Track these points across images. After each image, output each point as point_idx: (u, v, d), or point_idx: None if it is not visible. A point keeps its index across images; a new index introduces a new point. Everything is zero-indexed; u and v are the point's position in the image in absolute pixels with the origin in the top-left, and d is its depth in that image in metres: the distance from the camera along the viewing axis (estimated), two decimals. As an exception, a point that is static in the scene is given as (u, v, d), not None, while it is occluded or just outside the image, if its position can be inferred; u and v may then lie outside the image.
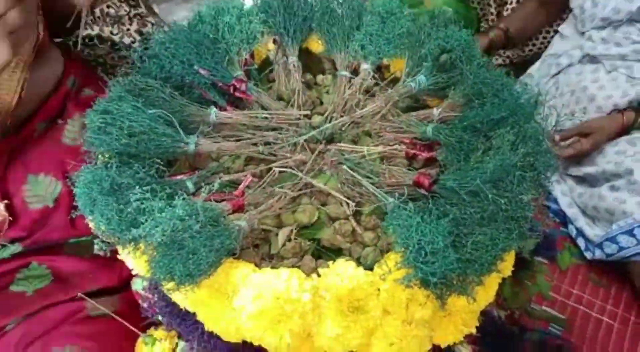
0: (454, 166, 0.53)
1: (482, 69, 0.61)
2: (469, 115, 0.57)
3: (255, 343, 0.50)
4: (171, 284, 0.49)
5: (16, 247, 0.80)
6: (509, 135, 0.50)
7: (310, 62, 0.80)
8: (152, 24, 1.39)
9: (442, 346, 0.57)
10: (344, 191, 0.61)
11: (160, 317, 0.84)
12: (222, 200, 0.57)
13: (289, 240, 0.58)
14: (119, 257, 0.61)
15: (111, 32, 1.41)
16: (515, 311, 1.07)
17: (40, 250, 0.83)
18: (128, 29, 1.45)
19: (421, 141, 0.64)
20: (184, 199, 0.50)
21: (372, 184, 0.60)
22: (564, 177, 1.18)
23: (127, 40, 1.36)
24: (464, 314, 0.55)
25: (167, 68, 0.66)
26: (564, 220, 1.18)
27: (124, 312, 0.86)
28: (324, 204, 0.62)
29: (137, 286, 0.82)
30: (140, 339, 0.85)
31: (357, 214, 0.60)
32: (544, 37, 1.35)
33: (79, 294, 0.83)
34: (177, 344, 0.88)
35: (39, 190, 0.80)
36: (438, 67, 0.66)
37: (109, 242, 0.54)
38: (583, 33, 1.16)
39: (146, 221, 0.48)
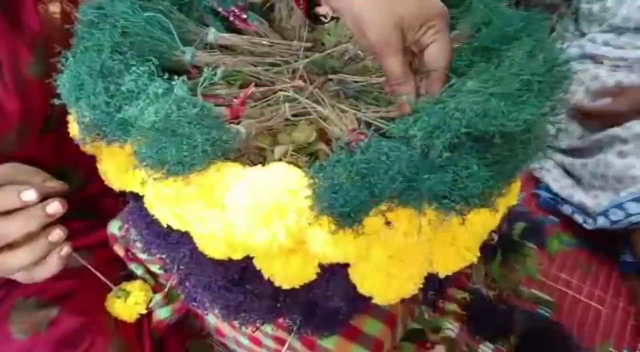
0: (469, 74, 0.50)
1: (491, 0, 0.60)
2: (479, 37, 0.56)
3: (244, 246, 0.46)
4: (160, 174, 0.45)
5: None
6: (527, 42, 0.47)
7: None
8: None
9: (441, 275, 0.53)
10: (344, 117, 0.58)
11: (133, 265, 0.80)
12: (221, 105, 0.53)
13: (285, 157, 0.55)
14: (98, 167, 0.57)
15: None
16: (504, 291, 1.04)
17: None
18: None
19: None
20: (182, 86, 0.47)
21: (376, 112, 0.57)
22: (553, 156, 1.18)
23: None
24: (467, 238, 0.52)
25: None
26: (554, 208, 1.17)
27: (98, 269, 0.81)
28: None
29: (114, 228, 0.77)
30: (111, 294, 0.80)
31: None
32: None
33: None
34: (152, 297, 0.83)
35: None
36: (447, 1, 0.65)
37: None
38: (584, 34, 1.17)
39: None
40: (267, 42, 0.66)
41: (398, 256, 0.48)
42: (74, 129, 0.55)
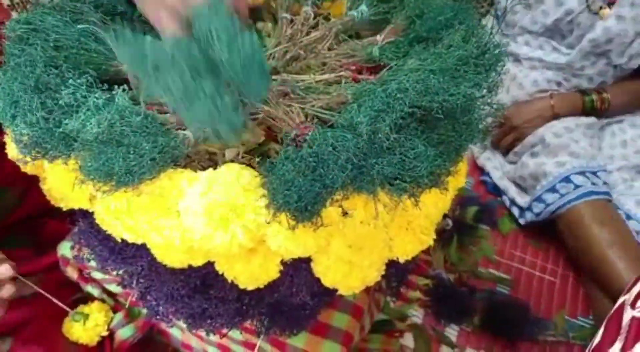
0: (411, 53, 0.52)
1: (422, -7, 0.62)
2: (414, 29, 0.58)
3: (203, 250, 0.46)
4: (108, 186, 0.44)
5: None
6: (460, 30, 0.50)
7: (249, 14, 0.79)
8: None
9: (402, 260, 0.54)
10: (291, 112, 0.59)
11: (88, 287, 0.77)
12: (165, 113, 0.52)
13: (237, 159, 0.55)
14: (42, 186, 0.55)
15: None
16: (463, 274, 1.08)
17: None
18: None
19: (367, 66, 0.63)
20: (123, 96, 0.46)
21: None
22: (494, 154, 1.25)
23: None
24: (422, 221, 0.53)
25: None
26: (499, 193, 1.23)
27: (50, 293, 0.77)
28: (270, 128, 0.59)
29: (65, 249, 0.74)
30: (68, 317, 0.77)
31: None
32: None
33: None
34: (112, 317, 0.80)
35: None
36: (379, -1, 0.67)
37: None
38: (505, 35, 1.23)
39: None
40: (207, 48, 0.65)
41: (357, 244, 0.48)
42: (11, 150, 0.53)
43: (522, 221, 1.14)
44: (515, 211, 1.16)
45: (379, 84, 0.46)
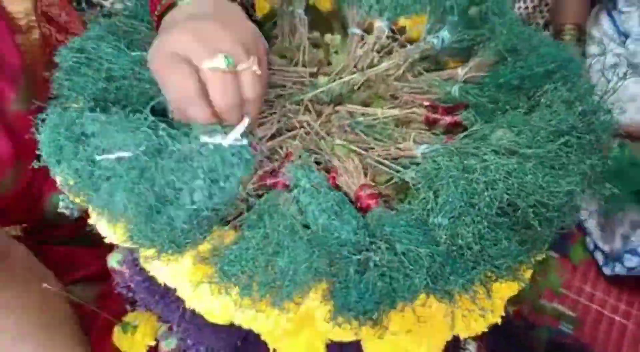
0: (499, 120, 0.44)
1: (516, 23, 0.53)
2: (504, 72, 0.50)
3: (246, 326, 0.42)
4: (151, 251, 0.41)
5: None
6: (562, 90, 0.41)
7: (317, 22, 0.72)
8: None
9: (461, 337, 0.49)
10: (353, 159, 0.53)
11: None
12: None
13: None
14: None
15: (102, -3, 1.33)
16: (524, 306, 1.00)
17: None
18: (120, -5, 1.37)
19: (443, 105, 0.56)
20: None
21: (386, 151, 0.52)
22: None
23: (118, 6, 1.28)
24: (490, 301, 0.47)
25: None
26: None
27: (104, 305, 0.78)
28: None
29: (113, 261, 0.73)
30: (116, 328, 0.77)
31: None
32: None
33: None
34: (159, 327, 0.80)
35: None
36: (465, 23, 0.58)
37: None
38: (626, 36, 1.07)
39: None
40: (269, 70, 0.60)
41: (416, 330, 0.43)
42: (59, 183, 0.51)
43: (606, 271, 1.02)
44: (599, 257, 1.04)
45: (458, 160, 0.39)
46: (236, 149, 0.40)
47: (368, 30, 0.67)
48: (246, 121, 0.42)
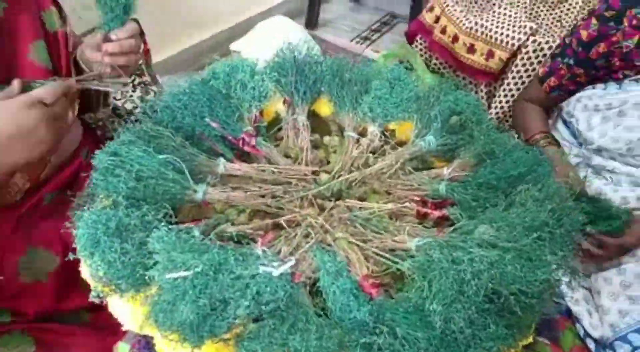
0: (481, 217, 0.51)
1: (492, 130, 0.62)
2: (483, 173, 0.57)
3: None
4: (175, 336, 0.45)
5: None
6: (534, 191, 0.49)
7: (317, 125, 0.81)
8: (155, 93, 1.42)
9: None
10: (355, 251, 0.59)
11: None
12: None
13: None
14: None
15: (114, 98, 1.44)
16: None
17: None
18: (131, 96, 1.48)
19: (432, 200, 0.63)
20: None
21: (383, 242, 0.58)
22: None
23: (129, 105, 1.39)
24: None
25: (179, 118, 0.66)
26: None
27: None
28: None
29: (122, 350, 0.75)
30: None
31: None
32: None
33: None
34: None
35: (34, 263, 0.75)
36: (447, 129, 0.67)
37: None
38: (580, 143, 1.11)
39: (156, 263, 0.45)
40: (275, 170, 0.67)
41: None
42: (85, 274, 0.56)
43: None
44: (591, 345, 1.03)
45: (447, 252, 0.45)
46: (282, 281, 0.46)
47: (362, 133, 0.76)
48: (293, 260, 0.49)
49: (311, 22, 2.29)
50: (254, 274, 0.44)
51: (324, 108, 0.81)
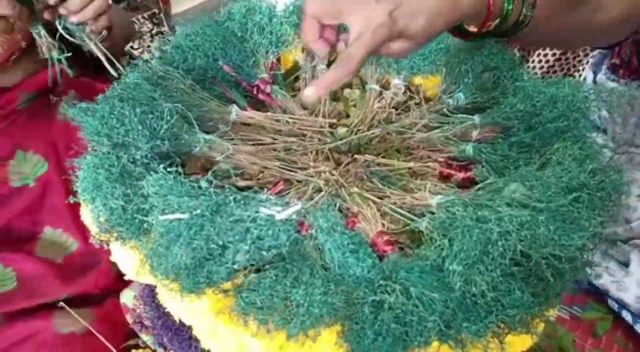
0: (513, 175, 0.46)
1: (531, 86, 0.56)
2: (516, 131, 0.52)
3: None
4: (175, 285, 0.42)
5: None
6: (574, 148, 0.44)
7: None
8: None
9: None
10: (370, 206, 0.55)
11: (144, 335, 0.77)
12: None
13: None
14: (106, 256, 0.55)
15: (131, 47, 1.40)
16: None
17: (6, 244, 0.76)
18: (149, 46, 1.44)
19: (457, 161, 0.58)
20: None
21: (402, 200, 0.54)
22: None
23: (146, 56, 1.35)
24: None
25: (190, 60, 0.61)
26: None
27: (100, 331, 0.77)
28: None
29: (127, 298, 0.74)
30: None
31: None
32: None
33: (61, 303, 0.75)
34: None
35: (24, 167, 0.74)
36: (479, 85, 0.62)
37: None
38: None
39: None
40: (290, 120, 0.63)
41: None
42: (86, 218, 0.53)
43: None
44: (628, 317, 0.95)
45: (472, 210, 0.41)
46: (286, 225, 0.42)
47: (385, 86, 0.71)
48: (299, 205, 0.46)
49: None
50: (254, 217, 0.40)
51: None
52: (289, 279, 0.41)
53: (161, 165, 0.46)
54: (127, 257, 0.50)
